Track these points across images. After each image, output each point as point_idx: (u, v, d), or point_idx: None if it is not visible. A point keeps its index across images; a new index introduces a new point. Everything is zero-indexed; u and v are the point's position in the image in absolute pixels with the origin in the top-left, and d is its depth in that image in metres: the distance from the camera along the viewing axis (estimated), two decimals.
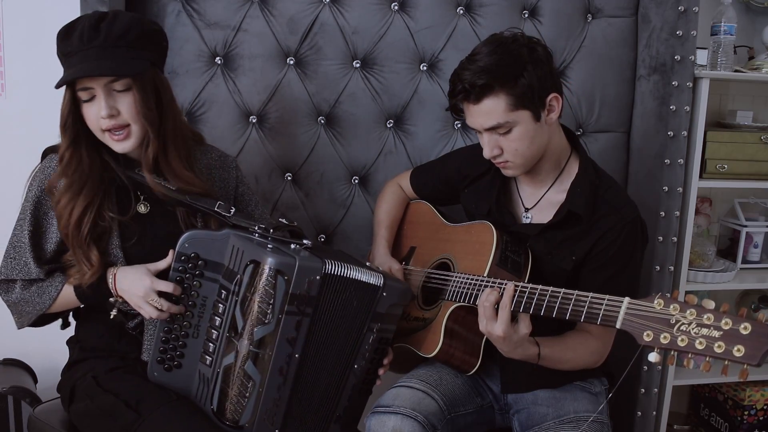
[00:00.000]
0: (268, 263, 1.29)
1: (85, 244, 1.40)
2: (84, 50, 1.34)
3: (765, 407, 2.39)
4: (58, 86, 1.36)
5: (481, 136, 1.48)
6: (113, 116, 1.37)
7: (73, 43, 1.35)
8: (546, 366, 1.43)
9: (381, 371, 1.49)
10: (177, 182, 1.46)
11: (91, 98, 1.38)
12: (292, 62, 1.93)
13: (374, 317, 1.42)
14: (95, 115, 1.38)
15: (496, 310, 1.35)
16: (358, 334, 1.42)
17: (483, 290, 1.40)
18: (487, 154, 1.47)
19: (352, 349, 1.42)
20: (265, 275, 1.30)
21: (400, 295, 1.45)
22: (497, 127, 1.43)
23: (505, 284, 1.37)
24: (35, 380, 2.02)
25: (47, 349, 1.65)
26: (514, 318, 1.35)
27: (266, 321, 1.31)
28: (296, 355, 1.35)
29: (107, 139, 1.41)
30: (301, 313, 1.33)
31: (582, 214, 1.48)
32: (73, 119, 1.40)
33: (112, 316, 1.44)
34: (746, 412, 2.37)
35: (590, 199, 1.49)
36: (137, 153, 1.46)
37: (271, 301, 1.30)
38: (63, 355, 1.57)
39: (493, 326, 1.34)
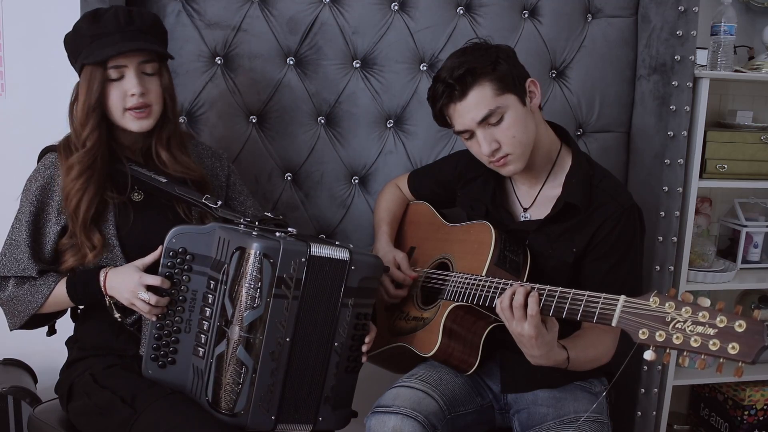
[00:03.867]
0: (254, 248, 1.32)
1: (89, 225, 1.45)
2: (122, 31, 1.42)
3: (765, 407, 2.39)
4: (101, 60, 1.40)
5: (474, 139, 1.48)
6: (143, 95, 1.45)
7: (109, 24, 1.42)
8: (573, 369, 1.42)
9: (364, 348, 1.48)
10: (177, 166, 1.53)
11: (119, 78, 1.44)
12: (292, 62, 1.93)
13: (347, 292, 1.42)
14: (122, 92, 1.45)
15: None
16: (334, 311, 1.42)
17: (503, 293, 1.35)
18: (485, 150, 1.46)
19: (330, 327, 1.43)
20: (251, 260, 1.32)
21: (370, 268, 1.45)
22: (489, 116, 1.43)
23: (503, 284, 1.37)
24: (35, 380, 2.02)
25: (47, 349, 1.65)
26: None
27: (255, 305, 1.33)
28: (287, 339, 1.37)
29: (126, 119, 1.47)
30: (288, 295, 1.35)
31: (579, 204, 1.49)
32: (100, 100, 1.44)
33: (116, 315, 1.46)
34: (746, 412, 2.37)
35: (586, 189, 1.50)
36: (134, 139, 1.53)
37: (259, 285, 1.32)
38: (62, 355, 1.57)
39: (523, 326, 1.31)
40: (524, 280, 1.47)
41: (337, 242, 1.45)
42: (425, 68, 1.98)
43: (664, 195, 2.00)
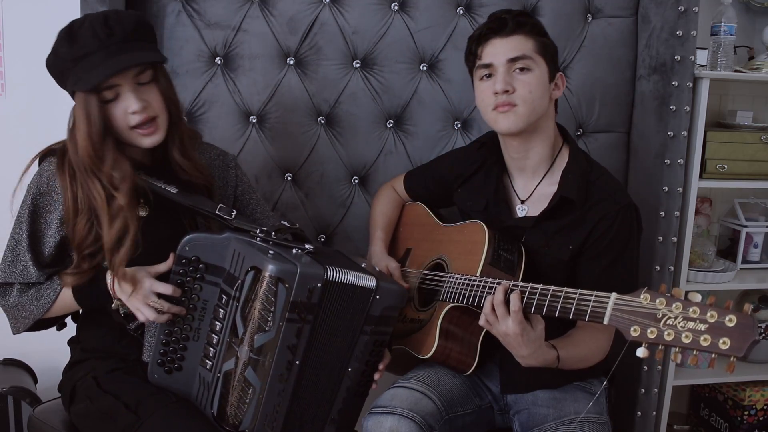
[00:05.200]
0: (269, 270, 1.27)
1: (95, 253, 1.41)
2: (105, 47, 1.32)
3: (765, 407, 2.39)
4: (89, 88, 1.31)
5: (490, 81, 1.49)
6: (145, 108, 1.37)
7: (88, 43, 1.32)
8: (565, 368, 1.42)
9: (377, 375, 1.46)
10: (194, 171, 1.47)
11: (115, 97, 1.36)
12: (292, 62, 1.93)
13: (368, 320, 1.39)
14: (123, 112, 1.37)
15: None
16: (353, 338, 1.39)
17: (486, 295, 1.38)
18: (500, 86, 1.46)
19: (346, 352, 1.40)
20: (265, 282, 1.27)
21: (395, 298, 1.41)
22: (520, 58, 1.47)
23: (497, 284, 1.37)
24: (35, 380, 2.02)
25: (47, 349, 1.65)
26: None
27: (267, 328, 1.29)
28: (297, 362, 1.33)
29: (135, 137, 1.40)
30: (302, 320, 1.31)
31: (575, 199, 1.48)
32: (106, 125, 1.35)
33: (121, 312, 1.42)
34: (746, 412, 2.37)
35: (582, 184, 1.50)
36: (143, 152, 1.47)
37: (272, 309, 1.28)
38: (63, 355, 1.57)
39: (507, 324, 1.32)
40: (520, 278, 1.47)
41: (364, 264, 1.42)
42: (425, 68, 1.98)
43: (664, 195, 2.00)
